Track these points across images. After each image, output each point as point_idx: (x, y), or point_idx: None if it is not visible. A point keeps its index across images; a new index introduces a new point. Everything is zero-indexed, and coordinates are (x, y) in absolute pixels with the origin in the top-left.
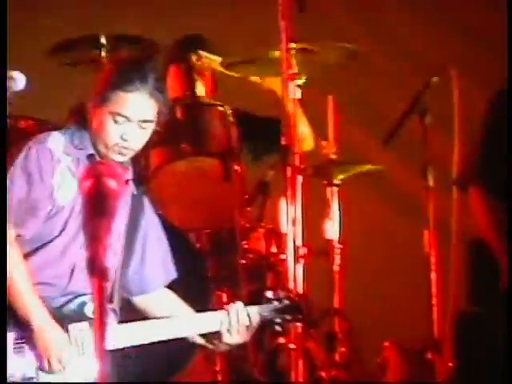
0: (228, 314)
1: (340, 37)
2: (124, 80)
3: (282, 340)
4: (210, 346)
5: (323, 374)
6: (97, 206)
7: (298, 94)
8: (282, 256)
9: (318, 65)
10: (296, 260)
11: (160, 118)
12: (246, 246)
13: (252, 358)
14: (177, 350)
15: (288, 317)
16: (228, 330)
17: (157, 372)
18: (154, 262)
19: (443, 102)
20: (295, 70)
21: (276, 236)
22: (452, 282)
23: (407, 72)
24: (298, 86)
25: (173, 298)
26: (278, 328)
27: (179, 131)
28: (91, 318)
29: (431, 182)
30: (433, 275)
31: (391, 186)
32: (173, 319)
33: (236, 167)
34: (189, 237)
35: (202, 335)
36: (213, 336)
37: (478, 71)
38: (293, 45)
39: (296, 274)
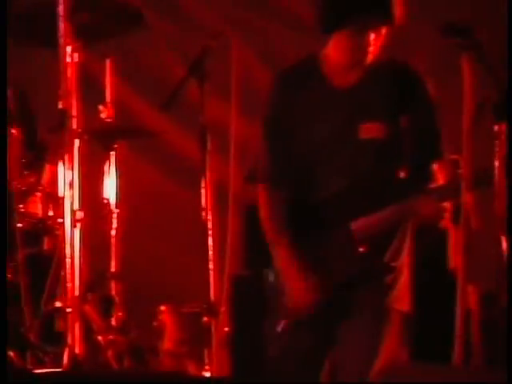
0: None
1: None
2: None
3: (58, 303)
4: None
5: (100, 337)
6: None
7: (76, 57)
8: (60, 220)
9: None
10: (73, 224)
11: None
12: (22, 210)
13: (28, 322)
14: None
15: None
16: None
17: None
18: None
19: (222, 66)
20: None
21: (53, 200)
22: (228, 246)
23: (187, 38)
24: (76, 49)
25: None
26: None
27: None
28: None
29: (209, 147)
30: (210, 240)
31: (169, 150)
32: None
33: (13, 131)
34: None
35: None
36: None
37: (257, 38)
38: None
39: (73, 237)
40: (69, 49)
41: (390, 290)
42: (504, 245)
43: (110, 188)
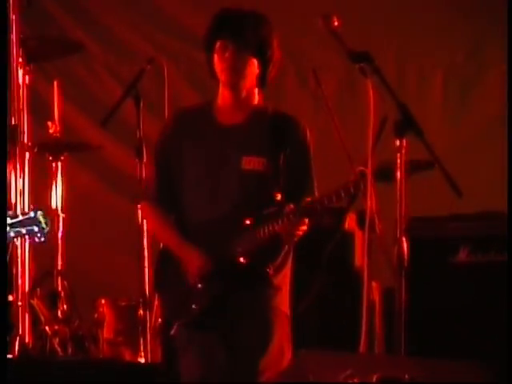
0: None
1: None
2: None
3: (10, 297)
4: None
5: (47, 328)
6: None
7: (27, 79)
8: None
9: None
10: None
11: None
12: None
13: None
14: None
15: (23, 230)
16: None
17: None
18: None
19: (155, 87)
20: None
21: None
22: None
23: (123, 63)
24: (27, 72)
25: None
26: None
27: None
28: None
29: (144, 159)
30: (145, 242)
31: (108, 162)
32: None
33: None
34: None
35: None
36: None
37: (183, 61)
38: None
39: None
40: (20, 72)
41: (278, 292)
42: (405, 246)
43: (56, 195)
